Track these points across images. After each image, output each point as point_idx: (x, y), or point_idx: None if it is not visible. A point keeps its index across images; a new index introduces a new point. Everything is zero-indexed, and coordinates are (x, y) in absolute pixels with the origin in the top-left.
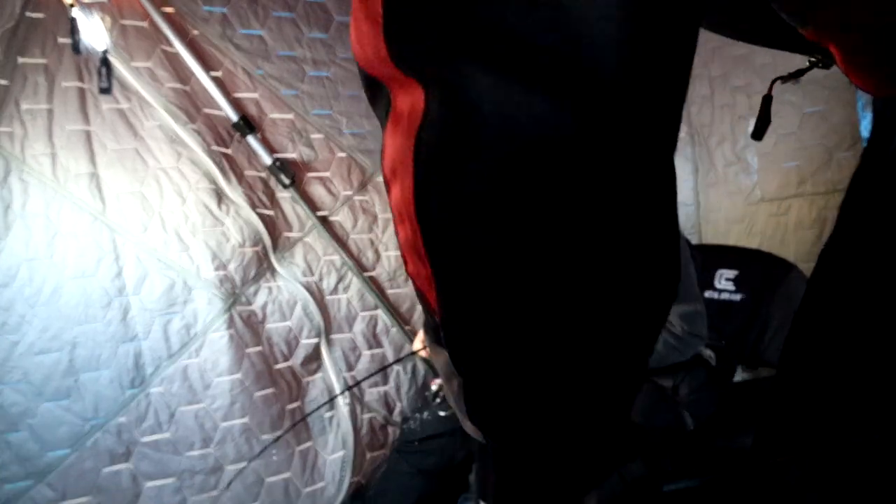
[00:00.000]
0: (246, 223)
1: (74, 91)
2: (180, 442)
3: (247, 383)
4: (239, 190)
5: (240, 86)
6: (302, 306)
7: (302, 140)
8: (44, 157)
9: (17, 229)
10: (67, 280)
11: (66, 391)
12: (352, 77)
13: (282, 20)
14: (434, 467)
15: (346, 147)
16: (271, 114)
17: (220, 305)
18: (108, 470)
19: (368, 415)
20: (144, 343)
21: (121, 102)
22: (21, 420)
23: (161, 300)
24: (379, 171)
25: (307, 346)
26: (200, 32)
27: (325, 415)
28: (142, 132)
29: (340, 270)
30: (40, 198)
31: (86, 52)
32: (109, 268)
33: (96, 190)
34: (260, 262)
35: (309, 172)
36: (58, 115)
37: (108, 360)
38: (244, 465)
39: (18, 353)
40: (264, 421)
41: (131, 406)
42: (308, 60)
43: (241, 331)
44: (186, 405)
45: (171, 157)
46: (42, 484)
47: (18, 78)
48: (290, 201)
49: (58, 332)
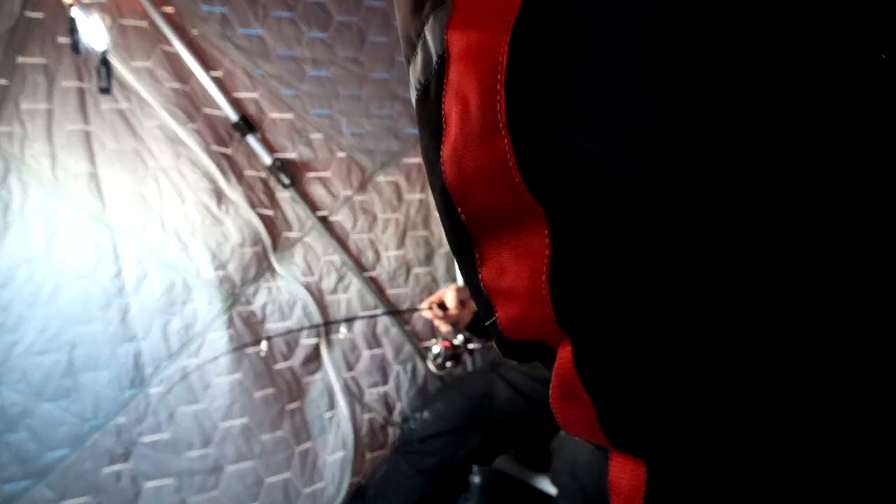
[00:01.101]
0: (246, 223)
1: (74, 91)
2: (180, 442)
3: (246, 383)
4: (239, 190)
5: (239, 86)
6: (302, 306)
7: (302, 140)
8: (43, 156)
9: (16, 229)
10: (66, 280)
11: (65, 391)
12: (352, 77)
13: (282, 20)
14: (434, 467)
15: (346, 147)
16: (271, 114)
17: (220, 305)
18: (107, 470)
19: (368, 415)
20: (144, 343)
21: (120, 102)
22: (20, 420)
23: (160, 300)
24: (379, 171)
25: (307, 346)
26: (200, 32)
27: (325, 415)
28: (141, 132)
29: (340, 270)
30: (39, 198)
31: (85, 52)
32: (109, 268)
33: (95, 190)
34: (260, 263)
35: (309, 172)
36: (57, 115)
37: (108, 360)
38: (248, 463)
39: (17, 353)
40: (264, 421)
41: (131, 406)
42: (308, 60)
43: (241, 331)
44: (186, 405)
45: (170, 157)
46: (41, 484)
47: (18, 78)
48: (289, 201)
49: (57, 333)
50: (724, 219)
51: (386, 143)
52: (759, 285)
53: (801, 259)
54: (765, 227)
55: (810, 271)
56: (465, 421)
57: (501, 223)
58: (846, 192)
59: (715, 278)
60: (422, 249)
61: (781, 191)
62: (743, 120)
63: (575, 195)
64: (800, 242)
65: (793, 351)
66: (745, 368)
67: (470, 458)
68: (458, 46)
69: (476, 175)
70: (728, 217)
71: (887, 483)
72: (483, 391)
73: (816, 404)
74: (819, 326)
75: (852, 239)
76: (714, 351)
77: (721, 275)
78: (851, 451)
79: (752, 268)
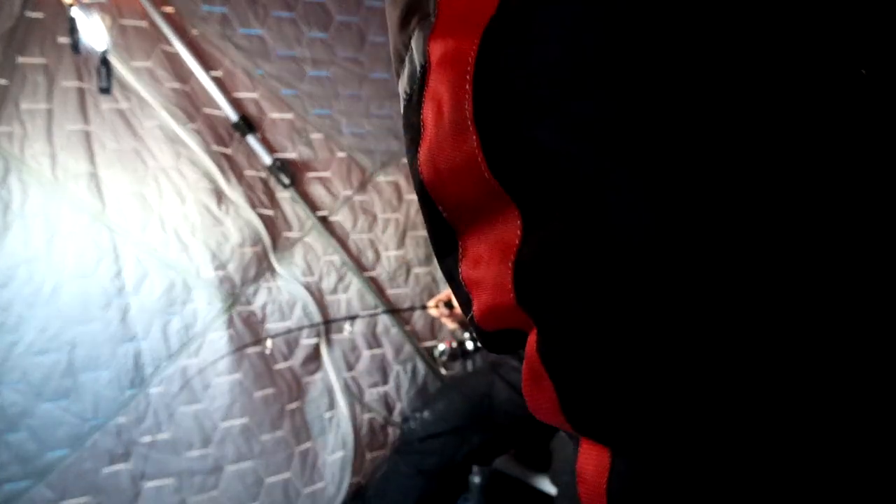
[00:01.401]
0: (246, 223)
1: (74, 91)
2: (180, 442)
3: (246, 383)
4: (239, 190)
5: (239, 86)
6: (302, 306)
7: (302, 140)
8: (43, 156)
9: (16, 229)
10: (66, 280)
11: (65, 391)
12: (352, 77)
13: (282, 20)
14: (434, 467)
15: (346, 147)
16: (271, 114)
17: (220, 305)
18: (107, 470)
19: (368, 415)
20: (144, 343)
21: (120, 102)
22: (20, 420)
23: (160, 300)
24: (379, 171)
25: (307, 346)
26: (200, 32)
27: (325, 415)
28: (141, 132)
29: (340, 270)
30: (39, 198)
31: (85, 52)
32: (109, 268)
33: (95, 190)
34: (260, 263)
35: (309, 172)
36: (57, 115)
37: (108, 360)
38: (248, 463)
39: (17, 353)
40: (264, 421)
41: (130, 406)
42: (308, 60)
43: (241, 331)
44: (186, 405)
45: (170, 157)
46: (41, 484)
47: (18, 78)
48: (289, 201)
49: (57, 333)
50: (678, 214)
51: (386, 143)
52: (708, 276)
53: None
54: (722, 226)
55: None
56: (465, 421)
57: (478, 216)
58: (813, 203)
59: (663, 266)
60: (422, 249)
61: (749, 198)
62: (715, 127)
63: (539, 186)
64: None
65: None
66: (690, 354)
67: (470, 458)
68: (437, 55)
69: (449, 172)
70: (681, 215)
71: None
72: (483, 391)
73: (755, 377)
74: (761, 306)
75: (819, 251)
76: (659, 333)
77: (668, 263)
78: (798, 429)
79: (703, 260)
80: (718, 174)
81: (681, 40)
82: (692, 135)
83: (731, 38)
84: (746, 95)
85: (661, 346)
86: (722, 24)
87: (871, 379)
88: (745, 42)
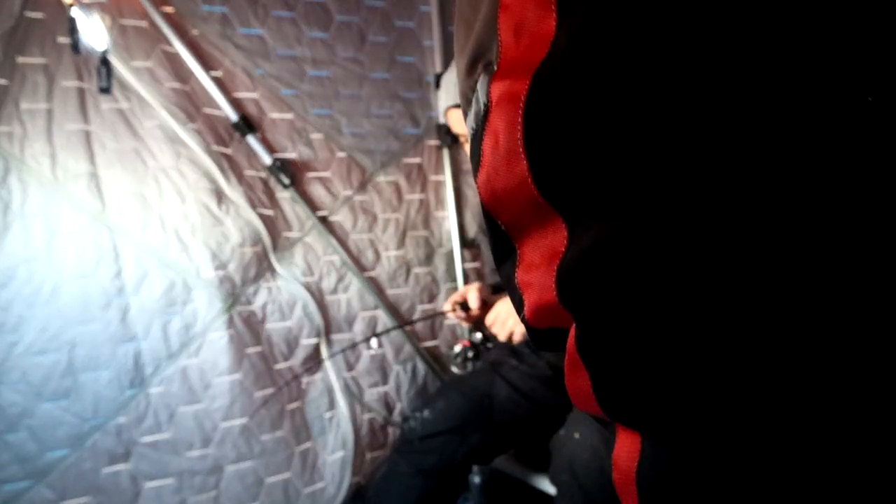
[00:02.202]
0: (246, 223)
1: (74, 91)
2: (180, 442)
3: (246, 383)
4: (239, 190)
5: (239, 86)
6: (302, 306)
7: (302, 140)
8: (43, 156)
9: (16, 229)
10: (66, 280)
11: (65, 391)
12: (352, 77)
13: (282, 20)
14: (434, 467)
15: (346, 147)
16: (271, 114)
17: (220, 305)
18: (107, 470)
19: (368, 415)
20: (144, 343)
21: (120, 102)
22: (20, 420)
23: (160, 300)
24: (379, 171)
25: (307, 346)
26: (200, 32)
27: (325, 415)
28: (141, 132)
29: (340, 270)
30: (39, 198)
31: (85, 52)
32: (109, 268)
33: (95, 190)
34: (260, 263)
35: (309, 172)
36: (57, 115)
37: (108, 360)
38: (248, 463)
39: (17, 353)
40: (264, 421)
41: (131, 406)
42: (308, 60)
43: (241, 331)
44: (186, 405)
45: (170, 156)
46: (41, 484)
47: (17, 77)
48: (289, 201)
49: (57, 333)
50: (693, 224)
51: (386, 143)
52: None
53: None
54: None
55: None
56: (465, 420)
57: (532, 228)
58: (817, 225)
59: (684, 271)
60: (422, 249)
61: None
62: (731, 156)
63: (579, 202)
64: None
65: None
66: (710, 348)
67: (470, 457)
68: (496, 95)
69: (504, 192)
70: (704, 224)
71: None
72: (483, 391)
73: (779, 374)
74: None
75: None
76: (684, 329)
77: (689, 269)
78: (824, 426)
79: (721, 264)
80: (742, 198)
81: (699, 72)
82: (718, 160)
83: (745, 61)
84: (761, 124)
85: (684, 341)
86: (736, 52)
87: (876, 378)
88: (755, 65)
